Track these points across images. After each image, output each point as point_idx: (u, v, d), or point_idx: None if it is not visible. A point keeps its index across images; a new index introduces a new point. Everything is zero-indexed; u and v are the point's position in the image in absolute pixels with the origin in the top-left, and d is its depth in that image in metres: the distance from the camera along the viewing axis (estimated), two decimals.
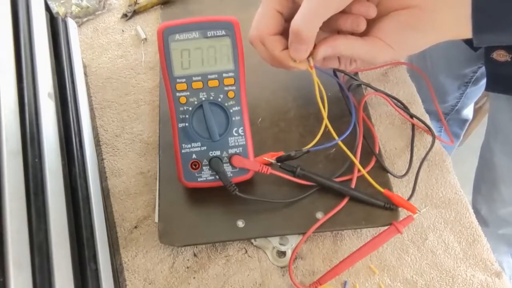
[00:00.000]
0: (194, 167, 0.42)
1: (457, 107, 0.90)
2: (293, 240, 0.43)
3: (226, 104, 0.40)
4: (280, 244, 0.43)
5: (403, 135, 0.51)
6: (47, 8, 0.51)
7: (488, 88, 0.55)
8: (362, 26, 0.36)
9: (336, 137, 0.41)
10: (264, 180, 0.44)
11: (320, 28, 0.39)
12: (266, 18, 0.38)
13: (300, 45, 0.35)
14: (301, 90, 0.52)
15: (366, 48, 0.36)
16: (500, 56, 0.49)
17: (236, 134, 0.41)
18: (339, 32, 0.39)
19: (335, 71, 0.51)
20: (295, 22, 0.34)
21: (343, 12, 0.36)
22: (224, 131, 0.41)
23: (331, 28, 0.38)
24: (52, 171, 0.36)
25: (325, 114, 0.39)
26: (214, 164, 0.41)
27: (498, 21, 0.33)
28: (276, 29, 0.38)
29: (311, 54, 0.38)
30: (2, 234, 0.27)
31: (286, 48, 0.38)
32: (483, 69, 0.75)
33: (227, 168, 0.42)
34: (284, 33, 0.39)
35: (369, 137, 0.48)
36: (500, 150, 0.66)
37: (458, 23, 0.34)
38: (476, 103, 0.96)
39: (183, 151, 0.41)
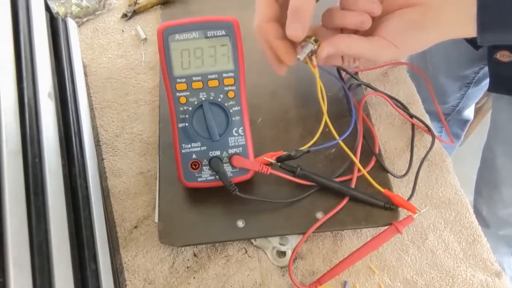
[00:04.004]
0: (194, 167, 0.42)
1: (458, 108, 0.89)
2: (293, 240, 0.43)
3: (226, 104, 0.40)
4: (280, 244, 0.43)
5: (403, 135, 0.51)
6: (47, 8, 0.51)
7: (491, 89, 0.55)
8: (367, 24, 0.36)
9: (337, 137, 0.41)
10: (264, 180, 0.44)
11: (324, 26, 0.39)
12: (261, 6, 0.37)
13: (297, 23, 0.35)
14: (301, 90, 0.52)
15: (370, 47, 0.36)
16: (503, 56, 0.49)
17: (236, 134, 0.41)
18: (343, 30, 0.39)
19: (339, 70, 0.51)
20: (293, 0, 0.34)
21: (348, 9, 0.36)
22: (224, 131, 0.41)
23: (335, 26, 0.38)
24: (52, 171, 0.36)
25: (324, 108, 0.39)
26: (214, 164, 0.41)
27: (503, 20, 0.32)
28: (271, 15, 0.37)
29: (314, 53, 0.38)
30: (2, 234, 0.27)
31: (282, 38, 0.37)
32: (484, 70, 0.74)
33: (227, 168, 0.42)
34: (282, 20, 0.38)
35: (369, 137, 0.48)
36: (501, 151, 0.66)
37: (462, 22, 0.34)
38: (476, 103, 0.96)
39: (183, 151, 0.41)
